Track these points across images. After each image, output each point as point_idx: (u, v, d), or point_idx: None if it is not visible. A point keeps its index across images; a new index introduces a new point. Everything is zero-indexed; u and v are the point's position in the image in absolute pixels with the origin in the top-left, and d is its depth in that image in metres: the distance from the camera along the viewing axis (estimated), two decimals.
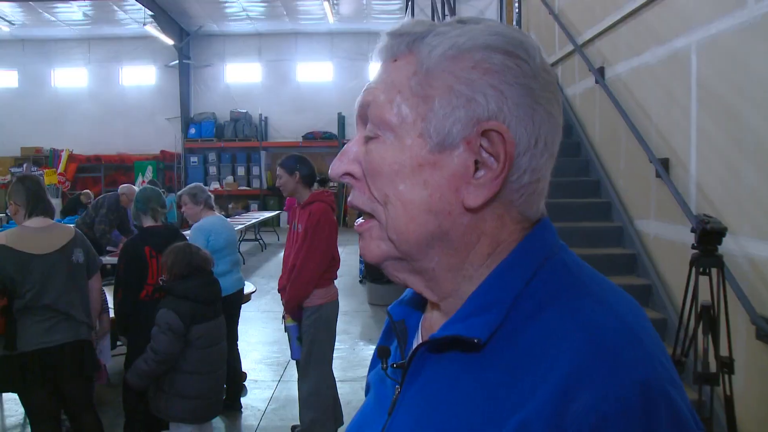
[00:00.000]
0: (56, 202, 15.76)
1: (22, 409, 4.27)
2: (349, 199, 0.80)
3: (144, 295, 3.95)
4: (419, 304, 0.87)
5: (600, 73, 6.03)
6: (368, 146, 0.76)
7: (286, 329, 4.26)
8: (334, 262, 4.23)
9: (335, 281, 4.35)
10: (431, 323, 0.81)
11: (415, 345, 0.80)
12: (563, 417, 0.60)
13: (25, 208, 3.59)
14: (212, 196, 5.19)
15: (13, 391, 3.65)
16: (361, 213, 0.79)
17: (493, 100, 0.70)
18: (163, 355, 3.40)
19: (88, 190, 13.16)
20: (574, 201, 5.94)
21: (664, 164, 4.75)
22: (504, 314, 0.70)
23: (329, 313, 4.18)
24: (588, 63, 6.16)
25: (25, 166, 18.04)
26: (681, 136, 4.61)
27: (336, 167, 0.79)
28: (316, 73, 21.11)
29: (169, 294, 3.52)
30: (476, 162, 0.71)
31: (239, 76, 21.22)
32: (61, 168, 18.82)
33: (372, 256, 0.78)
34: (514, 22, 8.37)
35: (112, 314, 4.21)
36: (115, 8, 17.97)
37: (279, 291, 4.36)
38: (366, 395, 0.96)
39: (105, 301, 4.16)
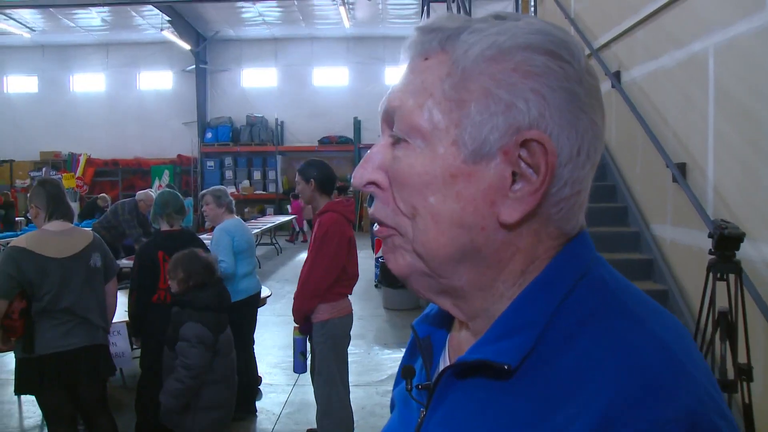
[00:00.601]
0: (74, 206, 15.90)
1: (39, 411, 4.30)
2: (371, 211, 0.74)
3: (156, 299, 4.00)
4: (446, 319, 0.81)
5: (616, 77, 6.00)
6: (395, 153, 0.70)
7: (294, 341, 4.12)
8: (346, 276, 3.96)
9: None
10: (459, 342, 0.76)
11: (441, 365, 0.76)
12: None
13: (45, 211, 3.61)
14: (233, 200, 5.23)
15: (30, 393, 3.67)
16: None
17: (535, 105, 0.64)
18: (196, 370, 3.34)
19: (105, 194, 13.28)
20: (590, 206, 5.83)
21: (681, 169, 4.71)
22: (536, 337, 0.64)
23: (337, 329, 3.93)
24: (604, 67, 6.13)
25: (44, 170, 18.21)
26: (698, 140, 4.57)
27: (359, 175, 0.72)
28: (331, 77, 21.18)
29: (188, 307, 3.46)
30: (513, 173, 0.65)
31: (255, 81, 21.35)
32: (79, 172, 19.00)
33: (397, 268, 0.72)
34: None
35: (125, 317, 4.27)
36: (133, 14, 18.15)
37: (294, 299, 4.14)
38: (391, 411, 0.91)
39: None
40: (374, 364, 6.37)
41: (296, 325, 3.99)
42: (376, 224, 0.74)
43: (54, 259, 3.45)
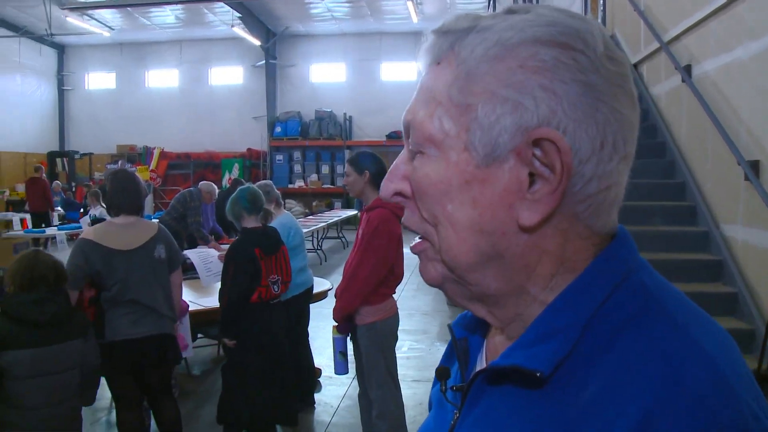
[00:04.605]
0: (148, 198, 16.45)
1: (108, 394, 4.48)
2: (402, 219, 0.73)
3: (256, 298, 3.90)
4: (483, 321, 0.77)
5: (687, 71, 5.80)
6: (414, 164, 0.69)
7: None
8: (393, 275, 3.77)
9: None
10: (495, 345, 0.74)
11: (478, 367, 0.75)
12: None
13: (111, 204, 3.75)
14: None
15: (102, 376, 3.83)
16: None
17: (545, 102, 0.61)
18: None
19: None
20: (657, 204, 5.74)
21: (755, 167, 4.53)
22: (571, 344, 0.61)
23: (384, 330, 3.78)
24: (674, 61, 5.93)
25: (120, 162, 18.90)
26: None
27: (386, 187, 0.72)
28: (400, 72, 21.16)
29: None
30: (531, 174, 0.63)
31: (324, 76, 21.52)
32: (153, 165, 19.61)
33: (429, 278, 0.71)
34: (599, 19, 8.15)
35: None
36: (205, 11, 18.58)
37: (335, 296, 3.88)
38: (429, 411, 0.90)
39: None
40: (435, 361, 6.19)
41: (335, 324, 3.82)
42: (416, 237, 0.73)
43: (119, 251, 3.55)
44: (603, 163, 0.63)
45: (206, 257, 5.53)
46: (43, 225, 13.28)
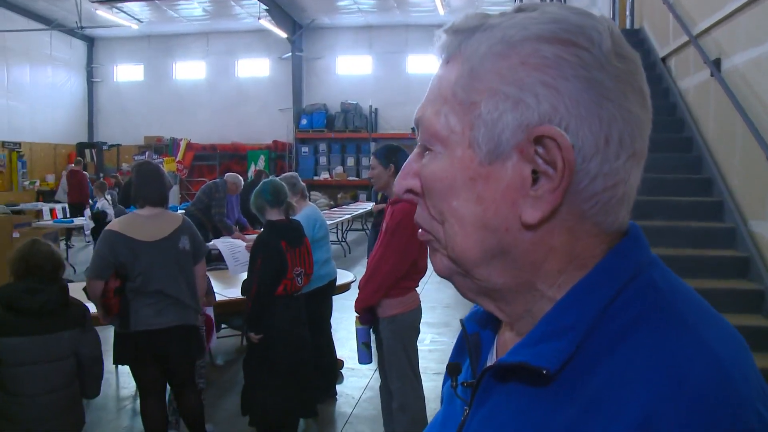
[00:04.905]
0: (174, 189, 16.63)
1: (134, 383, 4.55)
2: (415, 216, 0.74)
3: (282, 290, 3.94)
4: (494, 317, 0.78)
5: (716, 65, 5.71)
6: (423, 161, 0.70)
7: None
8: (416, 269, 3.79)
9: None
10: (505, 341, 0.75)
11: (488, 363, 0.75)
12: None
13: (135, 195, 3.80)
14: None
15: (125, 364, 3.89)
16: None
17: (546, 99, 0.61)
18: None
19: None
20: (683, 199, 5.67)
21: None
22: (578, 342, 0.62)
23: (406, 323, 3.80)
24: (703, 54, 5.84)
25: (147, 154, 19.09)
26: None
27: (398, 184, 0.73)
28: (426, 65, 21.07)
29: None
30: (535, 172, 0.63)
31: (350, 68, 21.52)
32: (179, 156, 19.77)
33: (438, 270, 0.73)
34: (627, 12, 8.05)
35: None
36: (232, 3, 18.67)
37: (359, 288, 3.91)
38: (441, 405, 0.90)
39: (210, 285, 4.31)
40: None
41: (357, 315, 3.85)
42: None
43: (144, 242, 3.60)
44: (609, 161, 0.63)
45: (233, 247, 5.59)
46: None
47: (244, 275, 4.21)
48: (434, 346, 6.47)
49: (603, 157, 0.62)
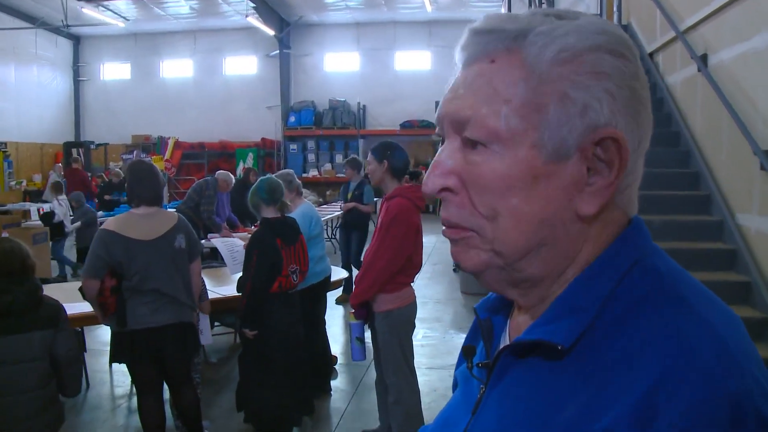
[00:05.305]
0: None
1: (128, 381, 4.56)
2: (443, 214, 0.75)
3: (277, 287, 3.97)
4: (506, 304, 0.85)
5: (703, 60, 5.77)
6: (472, 158, 0.71)
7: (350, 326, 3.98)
8: (411, 264, 3.82)
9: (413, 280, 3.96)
10: (518, 324, 0.79)
11: (502, 345, 0.80)
12: (646, 429, 0.58)
13: (129, 194, 3.81)
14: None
15: (122, 363, 3.90)
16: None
17: (607, 104, 0.68)
18: None
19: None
20: (671, 193, 5.73)
21: None
22: (589, 320, 0.67)
23: (402, 318, 3.83)
24: (690, 50, 5.90)
25: (134, 152, 19.00)
26: None
27: (431, 182, 0.74)
28: (413, 61, 21.12)
29: None
30: (588, 168, 0.69)
31: (338, 65, 21.55)
32: (167, 155, 19.73)
33: (471, 264, 0.74)
34: (614, 8, 8.09)
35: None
36: (219, 1, 18.64)
37: (354, 283, 3.97)
38: (453, 391, 0.96)
39: (204, 286, 4.32)
40: (449, 348, 6.38)
41: (352, 311, 3.88)
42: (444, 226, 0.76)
43: (140, 241, 3.60)
44: (638, 158, 0.72)
45: (232, 246, 5.61)
46: None
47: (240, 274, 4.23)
48: (426, 341, 6.51)
49: (636, 156, 0.71)
